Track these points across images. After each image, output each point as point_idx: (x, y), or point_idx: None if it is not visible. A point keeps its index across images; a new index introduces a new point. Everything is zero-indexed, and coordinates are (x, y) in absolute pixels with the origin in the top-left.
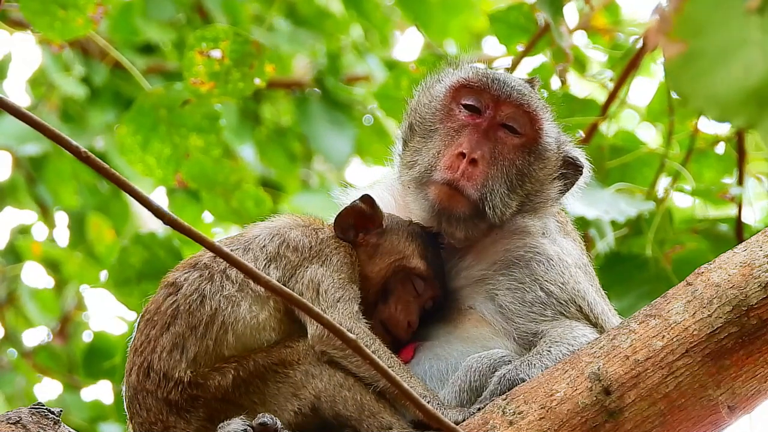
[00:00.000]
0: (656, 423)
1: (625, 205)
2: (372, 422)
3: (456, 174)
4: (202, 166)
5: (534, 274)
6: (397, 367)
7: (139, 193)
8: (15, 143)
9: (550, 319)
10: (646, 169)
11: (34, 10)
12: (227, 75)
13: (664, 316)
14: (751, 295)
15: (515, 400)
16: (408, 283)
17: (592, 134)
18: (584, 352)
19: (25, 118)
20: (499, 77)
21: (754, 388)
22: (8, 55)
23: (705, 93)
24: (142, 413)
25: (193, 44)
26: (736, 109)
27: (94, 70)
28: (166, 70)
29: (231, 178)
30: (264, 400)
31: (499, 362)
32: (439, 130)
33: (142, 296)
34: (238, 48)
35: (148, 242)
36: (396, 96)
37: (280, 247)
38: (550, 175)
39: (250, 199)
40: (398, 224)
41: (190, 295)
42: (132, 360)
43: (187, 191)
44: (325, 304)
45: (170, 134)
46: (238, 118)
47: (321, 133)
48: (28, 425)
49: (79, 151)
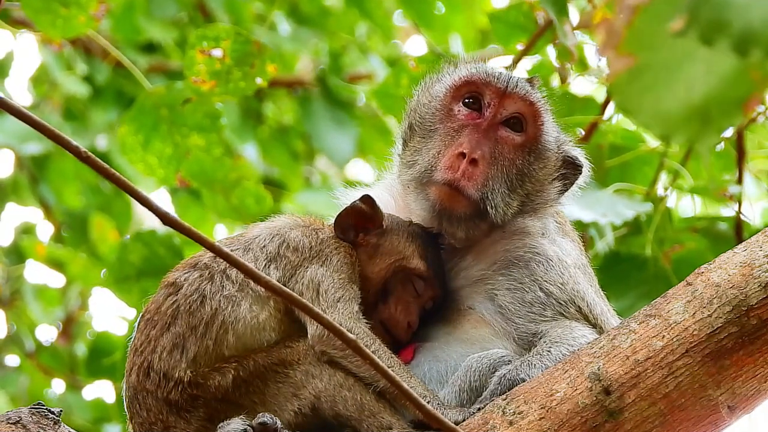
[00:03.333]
0: (656, 423)
1: (623, 207)
2: (372, 422)
3: (456, 174)
4: (201, 163)
5: (533, 274)
6: (397, 367)
7: (139, 193)
8: (17, 142)
9: (549, 320)
10: (645, 168)
11: (35, 8)
12: (228, 74)
13: (664, 316)
14: (751, 295)
15: (515, 400)
16: (408, 283)
17: (592, 133)
18: (584, 352)
19: (25, 117)
20: (502, 72)
21: (754, 388)
22: (10, 54)
23: (649, 109)
24: (142, 413)
25: (194, 43)
26: (680, 125)
27: (96, 69)
28: (168, 69)
29: (230, 175)
30: (264, 400)
31: (499, 362)
32: (439, 130)
33: (141, 293)
34: (240, 47)
35: (148, 240)
36: (396, 94)
37: (280, 248)
38: (550, 174)
39: (250, 197)
40: (398, 224)
41: (190, 295)
42: (132, 360)
43: (190, 191)
44: (325, 304)
45: (171, 134)
46: (241, 117)
47: (323, 131)
48: (28, 425)
49: (79, 150)
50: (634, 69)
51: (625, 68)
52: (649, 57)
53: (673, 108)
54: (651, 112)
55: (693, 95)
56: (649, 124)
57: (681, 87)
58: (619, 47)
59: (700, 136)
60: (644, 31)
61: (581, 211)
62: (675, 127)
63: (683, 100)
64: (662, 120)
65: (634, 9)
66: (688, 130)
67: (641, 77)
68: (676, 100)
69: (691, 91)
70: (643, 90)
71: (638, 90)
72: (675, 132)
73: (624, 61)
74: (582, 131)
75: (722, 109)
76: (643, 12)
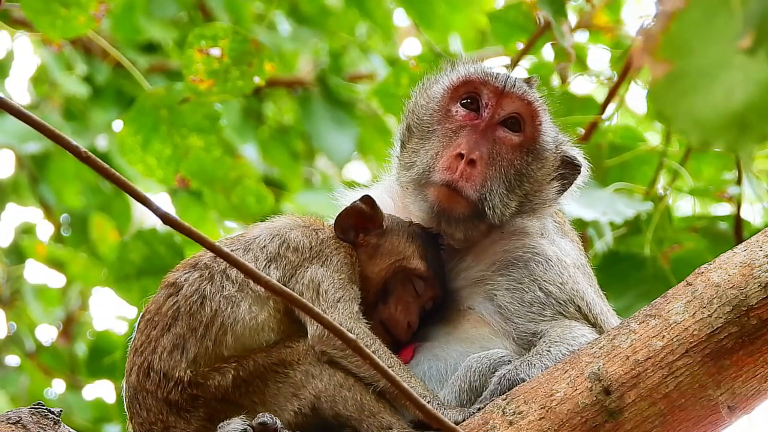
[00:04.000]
0: (656, 423)
1: (623, 206)
2: (372, 422)
3: (455, 175)
4: (201, 162)
5: (533, 274)
6: (397, 367)
7: (139, 192)
8: (17, 142)
9: (549, 319)
10: (645, 167)
11: (35, 8)
12: (226, 73)
13: (664, 316)
14: (751, 295)
15: (515, 400)
16: (408, 283)
17: (591, 133)
18: (584, 352)
19: (24, 117)
20: (500, 72)
21: (754, 388)
22: (10, 53)
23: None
24: (142, 413)
25: (192, 42)
26: (718, 132)
27: (96, 69)
28: (168, 68)
29: (230, 174)
30: (264, 400)
31: (499, 362)
32: (437, 131)
33: (141, 292)
34: (237, 46)
35: (148, 238)
36: (396, 93)
37: (280, 248)
38: (548, 175)
39: (251, 196)
40: (398, 225)
41: (190, 296)
42: (132, 360)
43: (191, 192)
44: (325, 305)
45: (171, 134)
46: (241, 117)
47: (323, 131)
48: (28, 425)
49: (78, 150)
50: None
51: (663, 74)
52: (686, 63)
53: (711, 115)
54: (688, 118)
55: (731, 102)
56: (686, 130)
57: (719, 94)
58: (656, 53)
59: (739, 144)
60: (681, 36)
61: (582, 210)
62: (713, 134)
63: (721, 107)
64: (700, 127)
65: (671, 15)
66: (726, 138)
67: (678, 83)
68: (714, 107)
69: (729, 98)
70: (681, 96)
71: (675, 96)
72: (713, 139)
73: (661, 67)
74: (582, 130)
75: (761, 116)
76: (679, 18)
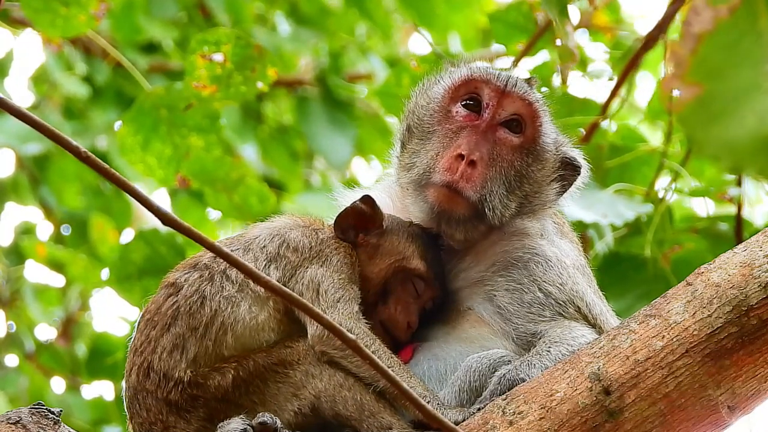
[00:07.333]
0: (656, 423)
1: (624, 208)
2: (372, 422)
3: (455, 176)
4: (202, 162)
5: (532, 275)
6: (396, 367)
7: (139, 193)
8: (17, 142)
9: (548, 320)
10: (645, 168)
11: (35, 8)
12: (229, 78)
13: (664, 316)
14: (751, 295)
15: (515, 400)
16: (408, 283)
17: (591, 134)
18: (584, 352)
19: (24, 117)
20: (501, 71)
21: (754, 388)
22: (10, 53)
23: (718, 140)
24: (142, 413)
25: (195, 47)
26: (749, 157)
27: (96, 69)
28: (168, 68)
29: (232, 174)
30: (264, 400)
31: (499, 362)
32: (437, 132)
33: (143, 292)
34: (240, 51)
35: (149, 238)
36: (397, 93)
37: (280, 248)
38: (548, 176)
39: (253, 195)
40: (398, 225)
41: (190, 296)
42: (132, 360)
43: (191, 192)
44: (325, 305)
45: (171, 134)
46: (241, 117)
47: (321, 133)
48: (28, 425)
49: (78, 150)
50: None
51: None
52: (716, 86)
53: (743, 140)
54: (719, 143)
55: (763, 127)
56: (717, 155)
57: (750, 118)
58: (685, 76)
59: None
60: (710, 59)
61: (582, 212)
62: (745, 158)
63: (753, 131)
64: (731, 151)
65: (699, 37)
66: (758, 162)
67: (708, 107)
68: (746, 131)
69: (761, 122)
70: (711, 120)
71: (706, 120)
72: (745, 164)
73: (691, 90)
74: (583, 131)
75: None
76: (708, 40)
